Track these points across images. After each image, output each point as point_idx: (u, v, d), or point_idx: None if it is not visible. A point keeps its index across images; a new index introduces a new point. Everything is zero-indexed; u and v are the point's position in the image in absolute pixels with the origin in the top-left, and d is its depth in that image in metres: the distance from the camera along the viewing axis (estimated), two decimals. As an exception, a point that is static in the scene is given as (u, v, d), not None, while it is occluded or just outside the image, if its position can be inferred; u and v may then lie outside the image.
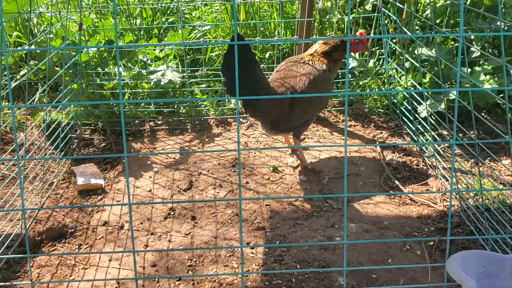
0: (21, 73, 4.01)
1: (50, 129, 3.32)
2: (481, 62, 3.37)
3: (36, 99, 3.82)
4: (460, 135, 3.20)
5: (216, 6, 4.10)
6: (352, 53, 2.95)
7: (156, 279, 2.20)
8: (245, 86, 2.46)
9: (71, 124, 3.41)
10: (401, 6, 3.35)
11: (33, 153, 3.19)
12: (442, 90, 1.82)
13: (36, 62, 3.64)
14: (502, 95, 3.20)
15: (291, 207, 2.64)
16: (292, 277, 2.14)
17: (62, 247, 2.50)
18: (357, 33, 2.92)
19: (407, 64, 3.44)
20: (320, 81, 2.75)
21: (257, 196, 2.73)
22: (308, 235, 2.40)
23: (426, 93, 3.08)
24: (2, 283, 2.20)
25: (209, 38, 3.87)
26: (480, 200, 2.49)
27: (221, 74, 2.59)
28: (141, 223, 2.61)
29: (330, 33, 3.76)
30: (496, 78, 3.09)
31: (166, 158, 3.16)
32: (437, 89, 3.21)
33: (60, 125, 3.14)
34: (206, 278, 2.17)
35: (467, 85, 3.22)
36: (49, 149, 3.24)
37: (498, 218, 2.35)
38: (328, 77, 2.80)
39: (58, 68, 3.26)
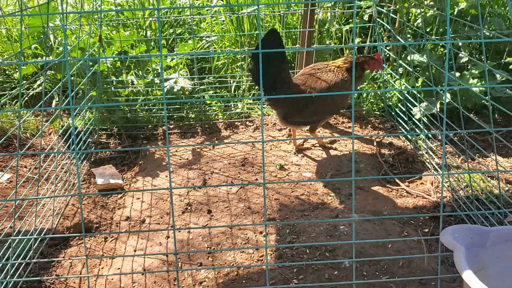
0: (38, 82, 4.25)
1: (67, 134, 3.57)
2: (469, 67, 3.65)
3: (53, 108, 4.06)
4: (451, 134, 3.47)
5: (222, 17, 4.37)
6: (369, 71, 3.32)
7: (180, 265, 2.44)
8: (267, 73, 2.84)
9: (89, 130, 3.64)
10: (394, 16, 3.63)
11: (52, 157, 3.42)
12: (432, 89, 2.08)
13: (53, 72, 3.89)
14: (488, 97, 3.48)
15: (298, 201, 2.89)
16: (302, 260, 2.38)
17: (89, 240, 2.73)
18: (375, 55, 3.24)
19: (400, 70, 3.71)
20: (337, 90, 3.10)
21: (267, 192, 2.97)
22: (315, 224, 2.64)
23: (419, 96, 3.34)
24: (37, 278, 2.43)
25: (215, 48, 4.13)
26: (470, 191, 2.74)
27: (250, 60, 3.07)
28: (161, 217, 2.85)
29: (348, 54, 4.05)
30: (483, 82, 3.36)
31: (180, 159, 3.40)
32: (429, 92, 3.49)
33: (78, 131, 3.39)
34: (225, 263, 2.41)
35: (457, 89, 3.51)
36: (66, 154, 3.47)
37: (488, 207, 2.61)
38: (346, 89, 3.13)
39: (73, 78, 3.50)
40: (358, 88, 3.44)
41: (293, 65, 4.06)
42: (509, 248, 1.62)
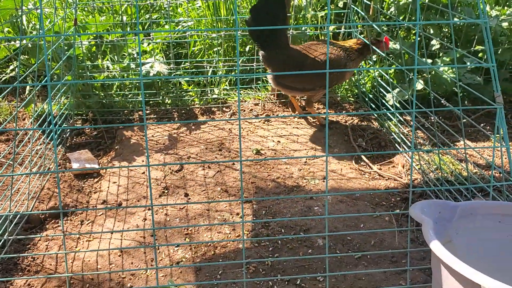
0: (11, 67, 4.18)
1: (41, 119, 3.54)
2: (440, 55, 3.74)
3: (27, 92, 4.01)
4: (423, 119, 3.56)
5: (199, 3, 4.37)
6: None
7: (158, 247, 2.46)
8: (263, 29, 3.03)
9: (64, 115, 3.61)
10: (368, 3, 3.70)
11: (27, 142, 3.39)
12: (403, 69, 2.14)
13: (27, 57, 3.83)
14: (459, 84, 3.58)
15: (273, 184, 2.94)
16: (278, 240, 2.44)
17: (65, 224, 2.72)
18: (384, 38, 3.35)
19: (374, 57, 3.79)
20: (335, 64, 3.24)
21: (243, 176, 3.01)
22: (290, 205, 2.70)
23: (392, 82, 3.43)
24: (15, 255, 2.42)
25: (193, 32, 4.13)
26: (441, 173, 2.84)
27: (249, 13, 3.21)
28: (138, 201, 2.86)
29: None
30: (454, 69, 3.45)
31: (156, 144, 3.41)
32: (402, 78, 3.57)
33: (53, 116, 3.35)
34: (203, 243, 2.45)
35: (429, 76, 3.60)
36: (41, 138, 3.44)
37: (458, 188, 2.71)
38: (345, 65, 3.28)
39: (49, 63, 3.46)
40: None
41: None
42: (474, 221, 1.71)
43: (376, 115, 3.64)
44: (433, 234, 1.49)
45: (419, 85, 3.49)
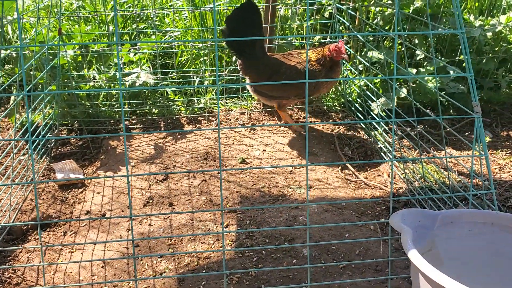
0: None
1: (24, 128, 3.51)
2: (425, 64, 3.77)
3: (11, 102, 3.98)
4: (408, 128, 3.59)
5: (185, 13, 4.37)
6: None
7: (140, 258, 2.44)
8: (240, 36, 3.09)
9: (49, 124, 3.58)
10: (353, 13, 3.72)
11: (9, 152, 3.35)
12: (385, 78, 2.15)
13: (11, 66, 3.81)
14: (443, 92, 3.61)
15: (259, 193, 2.93)
16: (262, 250, 2.42)
17: (48, 235, 2.69)
18: (339, 43, 3.27)
19: (360, 67, 3.81)
20: (310, 74, 3.29)
21: (229, 185, 3.00)
22: (275, 215, 2.69)
23: (377, 91, 3.44)
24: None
25: (179, 43, 4.13)
26: (424, 182, 2.85)
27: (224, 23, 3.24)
28: (122, 211, 2.84)
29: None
30: (437, 78, 3.48)
31: (142, 154, 3.39)
32: (387, 87, 3.59)
33: (37, 126, 3.33)
34: (186, 254, 2.42)
35: (414, 85, 3.63)
36: (25, 148, 3.41)
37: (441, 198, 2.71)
38: (315, 76, 3.30)
39: (31, 72, 3.44)
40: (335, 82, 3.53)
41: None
42: (455, 230, 1.71)
43: (362, 124, 3.65)
44: (411, 243, 1.49)
45: (403, 94, 3.50)
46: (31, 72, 3.47)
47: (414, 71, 3.49)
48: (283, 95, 3.43)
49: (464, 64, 3.76)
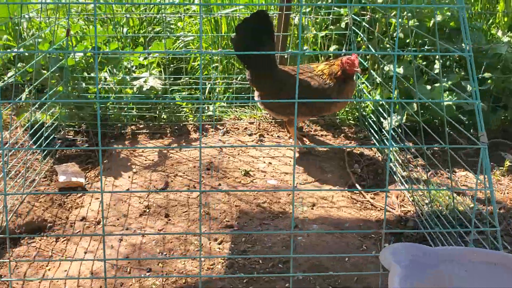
0: (9, 74, 4.16)
1: (33, 129, 3.48)
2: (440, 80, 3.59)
3: (22, 99, 3.97)
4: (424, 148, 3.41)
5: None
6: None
7: (128, 270, 2.36)
8: (251, 48, 2.93)
9: (55, 125, 3.55)
10: (368, 26, 3.55)
11: (16, 151, 3.33)
12: (391, 101, 2.02)
13: (23, 64, 3.80)
14: (461, 110, 3.43)
15: (259, 209, 2.82)
16: (254, 271, 2.31)
17: (40, 240, 2.64)
18: (352, 55, 3.13)
19: (378, 80, 3.65)
20: (317, 93, 3.13)
21: (229, 198, 2.90)
22: (273, 234, 2.57)
23: (387, 108, 3.28)
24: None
25: (192, 48, 4.06)
26: (435, 206, 2.69)
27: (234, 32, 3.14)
28: (118, 219, 2.77)
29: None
30: (454, 94, 3.31)
31: (146, 160, 3.32)
32: (401, 104, 3.43)
33: (43, 126, 3.30)
34: (175, 270, 2.33)
35: (418, 105, 3.45)
36: (32, 148, 3.38)
37: (452, 223, 2.55)
38: (327, 95, 3.14)
39: (44, 71, 3.42)
40: (350, 95, 3.32)
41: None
42: (446, 269, 1.57)
43: (375, 141, 3.49)
44: (397, 282, 1.36)
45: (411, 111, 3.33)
46: (44, 72, 3.45)
47: (428, 87, 3.31)
48: (291, 112, 3.28)
49: (489, 82, 3.60)
